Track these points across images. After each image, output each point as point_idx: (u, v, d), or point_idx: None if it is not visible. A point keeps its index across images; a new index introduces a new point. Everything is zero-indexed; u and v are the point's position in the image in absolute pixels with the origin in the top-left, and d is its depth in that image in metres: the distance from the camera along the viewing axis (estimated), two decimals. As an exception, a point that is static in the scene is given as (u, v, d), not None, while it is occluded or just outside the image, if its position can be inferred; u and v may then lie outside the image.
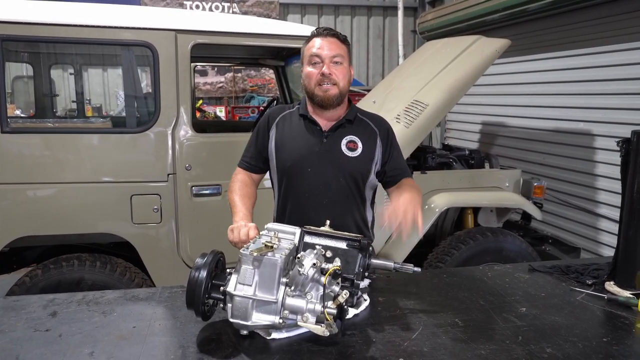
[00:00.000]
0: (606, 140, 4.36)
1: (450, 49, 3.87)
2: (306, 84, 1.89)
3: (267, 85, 9.15)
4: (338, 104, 1.89)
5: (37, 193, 2.75)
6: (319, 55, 1.84)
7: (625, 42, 4.21)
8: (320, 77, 1.83)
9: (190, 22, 2.98)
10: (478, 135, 6.43)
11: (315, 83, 1.85)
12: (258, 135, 2.01)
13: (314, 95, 1.87)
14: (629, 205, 1.82)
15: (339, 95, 1.87)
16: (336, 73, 1.84)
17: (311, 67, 1.86)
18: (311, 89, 1.87)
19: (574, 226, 4.81)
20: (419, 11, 8.60)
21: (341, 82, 1.85)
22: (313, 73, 1.85)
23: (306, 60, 1.88)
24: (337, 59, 1.84)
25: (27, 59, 3.95)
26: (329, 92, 1.84)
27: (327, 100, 1.86)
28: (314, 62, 1.85)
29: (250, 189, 1.96)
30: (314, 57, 1.84)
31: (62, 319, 1.55)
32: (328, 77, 1.83)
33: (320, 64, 1.84)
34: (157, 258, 2.94)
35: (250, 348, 1.38)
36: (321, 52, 1.83)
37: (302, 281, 1.37)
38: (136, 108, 3.18)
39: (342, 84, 1.86)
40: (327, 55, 1.83)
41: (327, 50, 1.83)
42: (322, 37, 1.85)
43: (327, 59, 1.83)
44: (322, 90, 1.84)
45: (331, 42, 1.85)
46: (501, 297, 1.77)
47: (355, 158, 1.90)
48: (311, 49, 1.86)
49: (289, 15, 8.66)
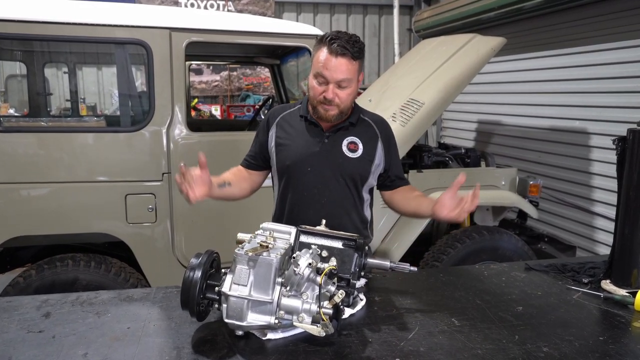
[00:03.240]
0: (602, 138, 4.38)
1: (446, 48, 3.87)
2: (310, 93, 1.85)
3: (263, 83, 9.14)
4: (339, 119, 1.87)
5: (31, 193, 2.73)
6: (324, 76, 1.76)
7: (620, 40, 4.23)
8: (322, 98, 1.79)
9: (184, 20, 2.96)
10: (474, 133, 6.44)
11: (318, 101, 1.81)
12: (259, 134, 2.01)
13: (315, 109, 1.84)
14: (624, 204, 1.82)
15: (339, 114, 1.84)
16: (340, 96, 1.78)
17: (316, 82, 1.80)
18: (313, 102, 1.84)
19: (570, 224, 4.83)
20: (414, 9, 8.59)
21: (343, 103, 1.80)
22: (317, 90, 1.80)
23: (313, 69, 1.81)
24: (343, 83, 1.77)
25: (21, 58, 3.93)
26: (329, 113, 1.81)
27: (326, 119, 1.84)
28: (319, 81, 1.79)
29: (233, 177, 1.93)
30: (319, 76, 1.77)
31: (56, 320, 1.54)
32: (331, 101, 1.78)
33: (324, 84, 1.78)
34: (152, 258, 2.92)
35: (246, 349, 1.37)
36: (327, 74, 1.75)
37: (298, 281, 1.37)
38: (131, 107, 3.15)
39: (344, 105, 1.82)
40: (333, 79, 1.75)
41: (334, 73, 1.74)
42: (333, 55, 1.73)
43: (333, 83, 1.76)
44: (323, 109, 1.82)
45: (340, 63, 1.74)
46: (497, 296, 1.77)
47: (355, 159, 1.89)
48: (319, 64, 1.76)
49: (285, 14, 8.64)
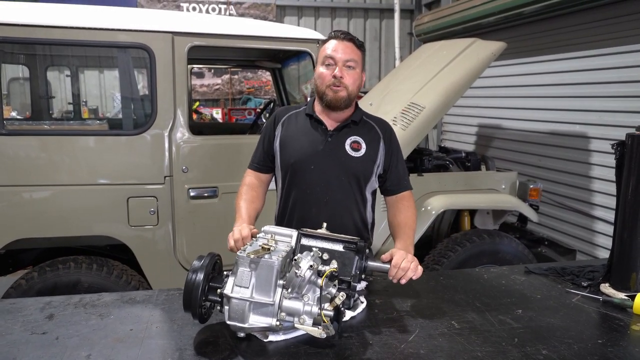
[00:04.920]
0: (601, 142, 4.39)
1: (447, 52, 3.89)
2: (318, 84, 1.91)
3: (264, 87, 9.15)
4: (346, 106, 1.92)
5: (34, 195, 2.74)
6: (332, 57, 1.86)
7: (619, 45, 4.24)
8: (331, 79, 1.86)
9: (187, 24, 2.98)
10: (474, 137, 6.45)
11: (327, 84, 1.87)
12: (265, 135, 2.05)
13: (324, 95, 1.89)
14: (623, 208, 1.83)
15: (347, 98, 1.89)
16: (347, 77, 1.86)
17: (324, 68, 1.88)
18: (322, 89, 1.89)
19: (570, 228, 4.83)
20: (415, 14, 8.62)
21: (351, 86, 1.88)
22: (325, 74, 1.87)
23: (320, 61, 1.91)
24: (350, 63, 1.86)
25: (24, 61, 3.94)
26: (339, 94, 1.87)
27: (335, 102, 1.88)
28: (328, 63, 1.87)
29: (256, 192, 2.01)
30: (328, 58, 1.87)
31: (59, 321, 1.55)
32: (339, 79, 1.85)
33: (333, 66, 1.86)
34: (154, 260, 2.93)
35: (247, 350, 1.38)
36: (335, 55, 1.86)
37: (299, 283, 1.38)
38: (133, 110, 3.17)
39: (352, 88, 1.88)
40: (341, 59, 1.85)
41: (342, 54, 1.85)
42: (339, 40, 1.87)
43: (341, 62, 1.85)
44: (332, 91, 1.87)
45: (347, 46, 1.86)
46: (497, 299, 1.78)
47: (358, 158, 1.92)
48: (326, 51, 1.88)
49: (286, 18, 8.67)
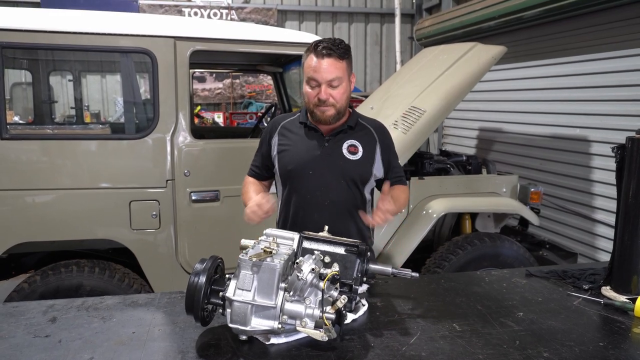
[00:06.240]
0: (602, 146, 4.39)
1: (447, 56, 3.90)
2: (305, 101, 1.92)
3: (265, 91, 9.19)
4: (337, 120, 1.93)
5: (36, 199, 2.75)
6: (315, 79, 1.84)
7: (620, 49, 4.25)
8: (317, 100, 1.86)
9: (189, 29, 2.99)
10: (475, 141, 6.45)
11: (314, 104, 1.88)
12: (262, 143, 2.08)
13: (313, 113, 1.91)
14: (623, 211, 1.83)
15: (337, 114, 1.90)
16: (333, 95, 1.86)
17: (309, 87, 1.88)
18: (310, 108, 1.91)
19: (571, 231, 4.83)
20: (416, 18, 8.65)
21: (338, 102, 1.88)
22: (311, 94, 1.88)
23: (305, 77, 1.90)
24: (334, 82, 1.84)
25: (26, 66, 3.96)
26: (327, 113, 1.88)
27: (324, 120, 1.91)
28: (312, 85, 1.86)
29: (260, 188, 2.08)
30: (311, 80, 1.86)
31: (62, 324, 1.56)
32: (325, 101, 1.85)
33: (317, 87, 1.86)
34: (156, 264, 2.94)
35: (249, 353, 1.38)
36: (317, 76, 1.84)
37: (301, 286, 1.38)
38: (135, 114, 3.19)
39: (340, 104, 1.88)
40: (324, 79, 1.83)
41: (324, 73, 1.83)
42: (319, 57, 1.83)
43: (325, 83, 1.84)
44: (320, 111, 1.88)
45: (329, 63, 1.83)
46: (498, 302, 1.78)
47: (356, 161, 1.94)
48: (309, 70, 1.86)
49: (287, 22, 8.71)
